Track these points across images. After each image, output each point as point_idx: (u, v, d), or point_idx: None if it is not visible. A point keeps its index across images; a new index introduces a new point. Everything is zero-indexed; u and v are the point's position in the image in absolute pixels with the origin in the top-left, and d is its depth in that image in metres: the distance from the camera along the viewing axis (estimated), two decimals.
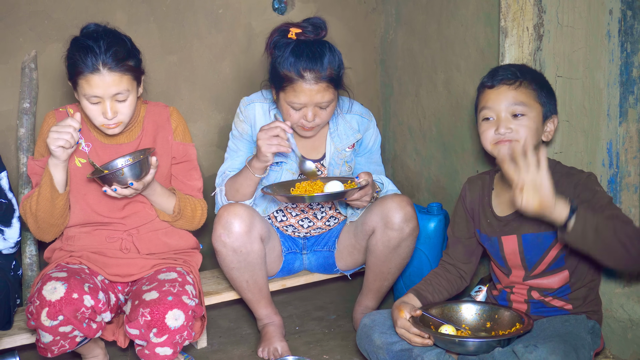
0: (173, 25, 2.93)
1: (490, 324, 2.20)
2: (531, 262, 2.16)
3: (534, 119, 2.11)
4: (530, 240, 2.14)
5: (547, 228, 2.09)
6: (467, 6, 2.69)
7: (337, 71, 2.43)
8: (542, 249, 2.14)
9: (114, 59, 2.20)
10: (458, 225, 2.37)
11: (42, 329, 2.12)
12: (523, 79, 2.13)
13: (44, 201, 2.26)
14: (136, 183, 2.22)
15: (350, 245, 2.67)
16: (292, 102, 2.41)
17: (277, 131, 2.32)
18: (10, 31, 2.66)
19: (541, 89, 2.15)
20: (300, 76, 2.37)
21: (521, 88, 2.13)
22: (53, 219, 2.31)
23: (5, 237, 2.45)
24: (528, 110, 2.11)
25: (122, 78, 2.22)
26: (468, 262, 2.37)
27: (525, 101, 2.11)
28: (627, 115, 2.22)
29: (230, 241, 2.43)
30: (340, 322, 2.86)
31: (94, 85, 2.19)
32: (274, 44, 2.47)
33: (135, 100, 2.30)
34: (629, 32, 2.19)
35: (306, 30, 2.44)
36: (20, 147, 2.68)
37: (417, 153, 3.12)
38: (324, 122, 2.50)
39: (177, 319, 2.15)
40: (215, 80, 3.05)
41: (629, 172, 2.26)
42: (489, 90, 2.17)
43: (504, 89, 2.13)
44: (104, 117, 2.24)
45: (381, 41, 3.31)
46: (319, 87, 2.38)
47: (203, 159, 3.02)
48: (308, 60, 2.37)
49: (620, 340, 2.25)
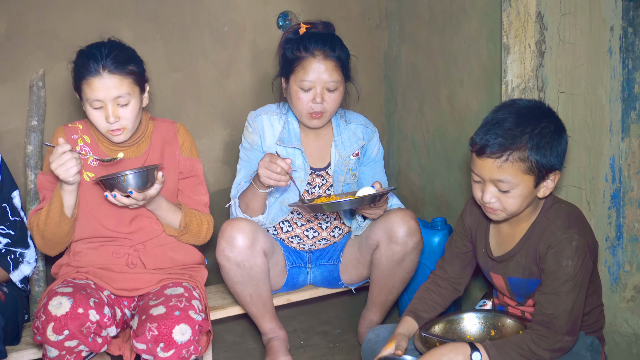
0: (179, 42, 2.97)
1: (495, 332, 2.18)
2: (519, 297, 2.15)
3: (521, 191, 1.96)
4: (516, 282, 2.12)
5: (533, 275, 2.07)
6: (469, 23, 2.72)
7: (345, 55, 2.56)
8: (527, 291, 2.11)
9: (114, 62, 2.25)
10: (456, 242, 2.32)
11: (48, 344, 2.14)
12: (512, 150, 1.92)
13: (52, 224, 2.29)
14: (136, 193, 2.23)
15: (354, 259, 2.68)
16: (302, 81, 2.49)
17: (278, 169, 2.32)
18: (18, 50, 2.70)
19: (538, 153, 1.93)
20: (311, 53, 2.50)
21: (507, 164, 1.93)
22: (59, 239, 2.35)
23: (28, 260, 2.48)
24: (514, 185, 1.95)
25: (123, 81, 2.26)
26: (463, 275, 2.32)
27: (512, 177, 1.94)
28: (629, 130, 2.23)
29: (234, 255, 2.45)
30: (345, 336, 2.86)
31: (95, 89, 2.24)
32: (285, 40, 2.60)
33: (138, 107, 2.33)
34: (630, 49, 2.21)
35: (316, 24, 2.60)
36: (28, 164, 2.71)
37: (421, 168, 3.14)
38: (331, 109, 2.55)
39: (184, 334, 2.17)
40: (221, 97, 3.08)
41: (632, 187, 2.27)
42: (475, 155, 2.00)
43: (489, 162, 1.95)
44: (107, 122, 2.27)
45: (385, 57, 3.34)
46: (327, 64, 2.49)
47: (208, 175, 3.04)
48: (318, 40, 2.51)
49: (625, 355, 2.25)
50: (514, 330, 2.13)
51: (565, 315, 1.93)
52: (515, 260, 2.10)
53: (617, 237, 2.28)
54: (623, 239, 2.28)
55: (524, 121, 1.95)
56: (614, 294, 2.29)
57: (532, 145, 1.93)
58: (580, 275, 1.95)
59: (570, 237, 1.96)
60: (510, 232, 2.13)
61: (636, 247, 2.30)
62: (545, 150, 1.94)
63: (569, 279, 1.94)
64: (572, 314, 1.94)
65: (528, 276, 2.08)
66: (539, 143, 1.93)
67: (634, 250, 2.29)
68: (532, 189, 1.98)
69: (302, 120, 2.59)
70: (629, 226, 2.27)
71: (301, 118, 2.59)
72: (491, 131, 1.96)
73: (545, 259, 1.99)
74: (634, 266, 2.30)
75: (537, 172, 1.95)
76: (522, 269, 2.08)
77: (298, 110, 2.56)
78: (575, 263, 1.94)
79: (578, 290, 1.95)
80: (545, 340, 1.92)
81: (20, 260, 2.45)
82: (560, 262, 1.95)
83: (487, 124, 2.00)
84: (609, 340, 2.27)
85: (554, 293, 1.95)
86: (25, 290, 2.52)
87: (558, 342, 1.93)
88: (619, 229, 2.28)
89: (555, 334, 1.92)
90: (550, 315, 1.94)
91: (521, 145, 1.93)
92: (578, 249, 1.95)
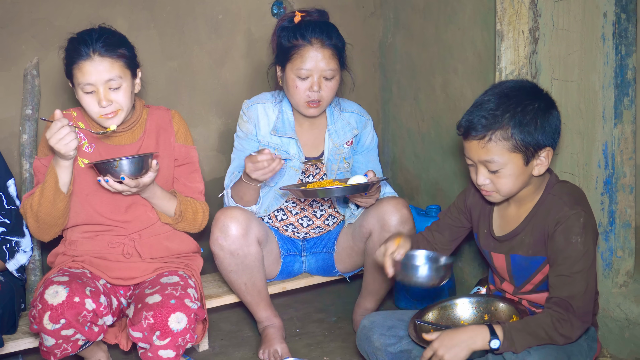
0: (173, 31, 2.96)
1: (488, 316, 2.20)
2: (519, 280, 2.15)
3: (511, 170, 1.99)
4: (518, 261, 2.12)
5: (537, 253, 2.07)
6: (464, 10, 2.72)
7: (341, 44, 2.56)
8: (529, 271, 2.11)
9: (104, 45, 2.25)
10: (452, 214, 2.32)
11: (45, 333, 2.15)
12: (495, 130, 1.95)
13: (46, 202, 2.28)
14: (128, 179, 2.23)
15: (348, 247, 2.69)
16: (300, 69, 2.49)
17: (265, 163, 2.33)
18: (12, 39, 2.70)
19: (522, 131, 1.95)
20: (308, 42, 2.49)
21: (491, 143, 1.97)
22: (53, 220, 2.33)
23: (24, 249, 2.48)
24: (502, 164, 1.98)
25: (114, 64, 2.26)
26: (446, 247, 2.33)
27: (498, 157, 1.97)
28: (622, 116, 2.24)
29: (227, 244, 2.46)
30: (340, 324, 2.88)
31: (86, 72, 2.24)
32: (281, 28, 2.58)
33: (130, 90, 2.33)
34: (623, 35, 2.21)
35: (311, 12, 2.59)
36: (23, 153, 2.71)
37: (416, 156, 3.14)
38: (328, 97, 2.55)
39: (179, 322, 2.18)
40: (216, 86, 3.08)
41: (624, 173, 2.28)
42: (462, 138, 2.06)
43: (475, 144, 2.00)
44: (99, 107, 2.27)
45: (380, 45, 3.34)
46: (324, 52, 2.49)
47: (204, 164, 3.04)
48: (315, 29, 2.51)
49: (618, 340, 2.26)
50: (507, 315, 2.14)
51: (580, 296, 1.94)
52: (520, 238, 2.10)
53: (609, 223, 2.29)
54: (616, 225, 2.29)
55: (506, 100, 1.99)
56: (606, 280, 2.30)
57: (514, 124, 1.95)
58: (589, 254, 1.96)
59: (577, 213, 1.97)
60: (515, 212, 2.13)
61: (628, 232, 2.31)
62: (529, 127, 1.96)
63: (579, 258, 1.95)
64: (587, 295, 1.95)
65: (532, 254, 2.08)
66: (522, 120, 1.96)
67: (627, 236, 2.31)
68: (523, 167, 2.00)
69: (299, 109, 2.59)
70: (621, 212, 2.29)
71: (298, 107, 2.59)
72: (474, 113, 2.01)
73: (554, 236, 1.99)
74: (626, 252, 2.32)
75: (523, 149, 1.97)
76: (526, 246, 2.08)
77: (295, 99, 2.56)
78: (584, 239, 1.96)
79: (588, 270, 1.96)
80: (565, 323, 1.92)
81: (16, 249, 2.45)
82: (570, 239, 1.96)
83: (471, 107, 2.05)
84: (601, 325, 2.29)
85: (567, 275, 1.95)
86: (21, 279, 2.53)
87: (577, 328, 1.93)
88: (611, 215, 2.29)
89: (574, 317, 1.93)
90: (567, 297, 1.94)
91: (503, 125, 1.96)
92: (586, 226, 1.97)
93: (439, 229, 2.35)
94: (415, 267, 2.11)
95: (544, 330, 1.92)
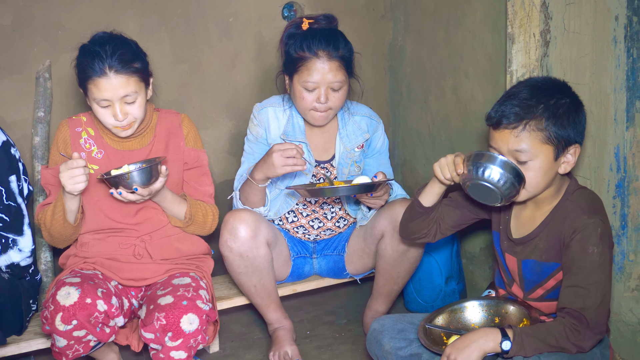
0: (184, 34, 2.98)
1: (499, 319, 2.18)
2: (529, 284, 2.12)
3: (541, 162, 1.94)
4: (530, 266, 2.09)
5: (551, 259, 2.04)
6: (474, 13, 2.72)
7: (348, 54, 2.53)
8: (541, 277, 2.08)
9: (120, 62, 2.24)
10: (472, 201, 2.21)
11: (57, 334, 2.16)
12: (529, 119, 1.91)
13: (57, 225, 2.32)
14: (141, 189, 2.25)
15: (359, 249, 2.69)
16: (306, 82, 2.48)
17: (293, 152, 2.37)
18: (24, 42, 2.72)
19: (555, 124, 1.91)
20: (314, 54, 2.47)
21: (524, 133, 1.92)
22: (65, 237, 2.39)
23: (20, 248, 2.45)
24: (533, 155, 1.93)
25: (130, 80, 2.26)
26: (447, 229, 2.27)
27: (530, 147, 1.93)
28: (634, 120, 2.23)
29: (237, 246, 2.47)
30: (350, 326, 2.88)
31: (102, 89, 2.24)
32: (288, 35, 2.57)
33: (144, 102, 2.34)
34: (635, 38, 2.20)
35: (318, 19, 2.57)
36: (35, 155, 2.73)
37: (427, 159, 3.14)
38: (336, 107, 2.55)
39: (191, 323, 2.19)
40: (226, 88, 3.09)
41: (636, 176, 2.27)
42: (492, 129, 2.00)
43: (506, 133, 1.94)
44: (115, 120, 2.29)
45: (390, 48, 3.34)
46: (331, 65, 2.47)
47: (214, 166, 3.06)
48: (321, 40, 2.48)
49: (630, 344, 2.26)
50: (517, 317, 2.13)
51: (594, 309, 1.90)
52: (535, 242, 2.07)
53: (621, 227, 2.29)
54: (628, 228, 2.28)
55: (539, 92, 1.95)
56: (618, 283, 2.29)
57: (548, 115, 1.92)
58: (605, 265, 1.92)
59: (596, 222, 1.93)
60: (531, 215, 2.10)
61: None
62: (563, 121, 1.92)
63: (595, 269, 1.91)
64: (601, 307, 1.91)
65: (546, 259, 2.05)
66: (556, 113, 1.92)
67: (639, 239, 2.30)
68: (553, 161, 1.95)
69: (307, 119, 2.60)
70: (633, 215, 2.28)
71: (305, 116, 2.59)
72: (506, 102, 1.96)
73: (570, 245, 1.95)
74: (638, 255, 2.30)
75: (555, 142, 1.93)
76: (540, 251, 2.06)
77: (302, 109, 2.56)
78: (601, 250, 1.91)
79: (604, 282, 1.92)
80: (577, 334, 1.89)
81: (11, 246, 2.43)
82: (586, 248, 1.91)
83: (502, 98, 2.00)
84: (613, 329, 2.28)
85: (582, 286, 1.91)
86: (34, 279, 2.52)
87: (589, 339, 1.91)
88: (623, 218, 2.28)
89: (587, 329, 1.90)
90: (581, 309, 1.90)
91: (537, 115, 1.92)
92: (603, 237, 1.93)
93: (449, 207, 2.26)
94: (494, 157, 1.95)
95: (555, 339, 1.90)
